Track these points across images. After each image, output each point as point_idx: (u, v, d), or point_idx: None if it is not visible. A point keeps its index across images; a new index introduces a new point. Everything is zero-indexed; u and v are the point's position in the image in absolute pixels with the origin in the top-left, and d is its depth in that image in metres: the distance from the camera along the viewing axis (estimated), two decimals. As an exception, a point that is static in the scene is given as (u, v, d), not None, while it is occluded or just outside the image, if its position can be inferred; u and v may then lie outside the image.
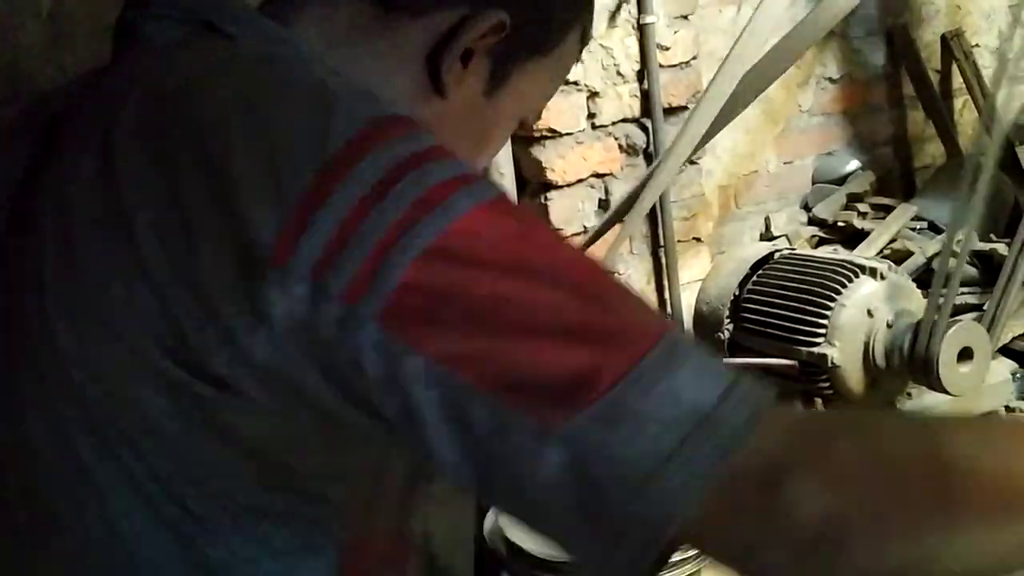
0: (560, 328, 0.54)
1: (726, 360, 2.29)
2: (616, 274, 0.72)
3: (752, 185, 3.09)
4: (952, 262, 2.02)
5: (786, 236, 3.04)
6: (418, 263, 0.54)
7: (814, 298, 2.15)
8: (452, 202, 0.57)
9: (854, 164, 3.23)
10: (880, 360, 2.11)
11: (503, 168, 2.08)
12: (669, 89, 2.53)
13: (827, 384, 2.14)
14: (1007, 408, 2.34)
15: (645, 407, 0.53)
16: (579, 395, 0.53)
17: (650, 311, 0.60)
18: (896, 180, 3.38)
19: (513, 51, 0.81)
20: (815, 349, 2.11)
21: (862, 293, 2.13)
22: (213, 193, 0.58)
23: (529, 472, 0.53)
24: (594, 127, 2.47)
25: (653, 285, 2.61)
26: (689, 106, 2.53)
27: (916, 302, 2.18)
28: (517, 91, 0.83)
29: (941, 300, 1.99)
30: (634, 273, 2.57)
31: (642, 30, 2.46)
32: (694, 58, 2.58)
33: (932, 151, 3.43)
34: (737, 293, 2.34)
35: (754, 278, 2.34)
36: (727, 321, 2.34)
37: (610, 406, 0.53)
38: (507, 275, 0.55)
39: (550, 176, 2.43)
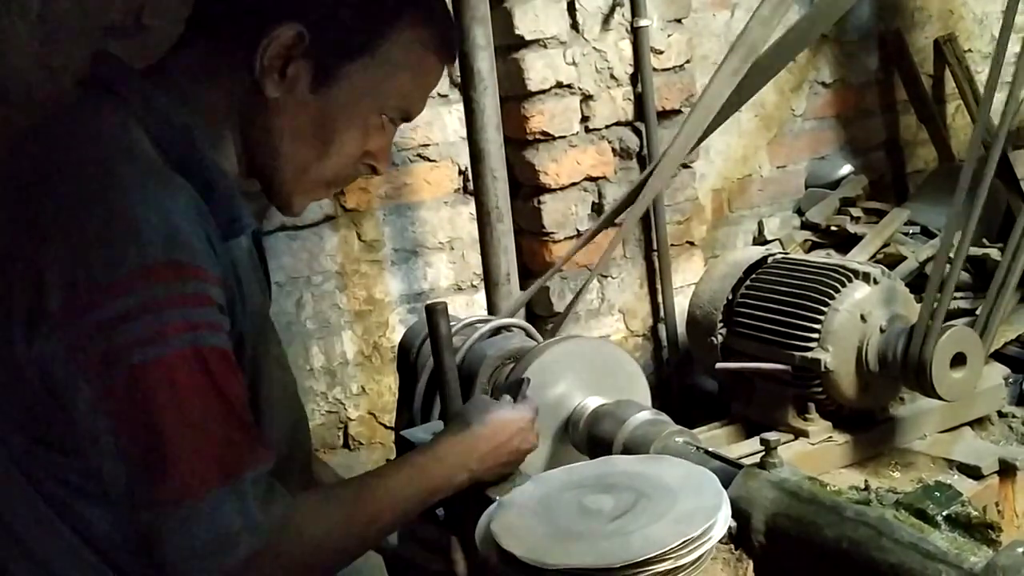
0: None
1: (720, 365, 2.29)
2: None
3: (745, 189, 3.09)
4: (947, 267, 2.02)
5: (779, 240, 3.03)
6: (129, 372, 0.88)
7: (807, 302, 2.14)
8: (169, 341, 0.89)
9: (847, 168, 3.23)
10: (873, 365, 2.10)
11: (497, 171, 2.07)
12: (663, 92, 2.53)
13: (820, 388, 2.14)
14: (1000, 413, 2.34)
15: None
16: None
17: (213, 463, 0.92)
18: (889, 184, 3.39)
19: (326, 53, 1.01)
20: (808, 353, 2.10)
21: (855, 297, 2.12)
22: (30, 269, 0.91)
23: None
24: (587, 130, 2.47)
25: (646, 289, 2.60)
26: (683, 109, 2.53)
27: (909, 307, 2.18)
28: (350, 87, 1.03)
29: (934, 305, 1.99)
30: (627, 277, 2.57)
31: (636, 33, 2.46)
32: (688, 62, 2.58)
33: (925, 155, 3.44)
34: (730, 297, 2.34)
35: (747, 282, 2.33)
36: (720, 325, 2.33)
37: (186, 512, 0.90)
38: (160, 417, 0.89)
39: (543, 179, 2.43)
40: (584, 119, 2.46)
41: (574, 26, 2.41)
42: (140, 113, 0.99)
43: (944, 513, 0.95)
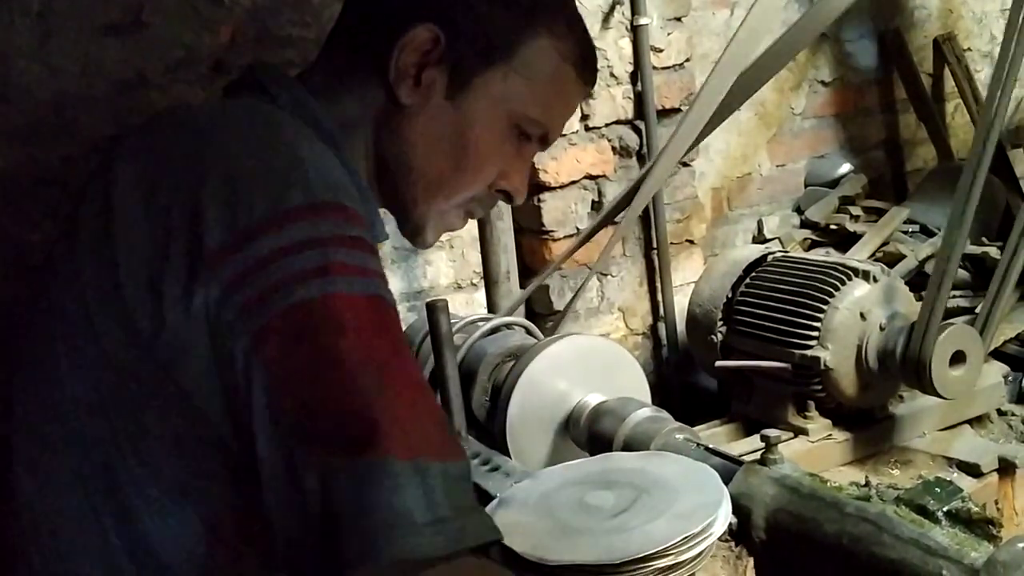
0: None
1: (719, 363, 2.29)
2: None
3: (745, 188, 3.09)
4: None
5: (779, 239, 3.04)
6: (289, 310, 0.75)
7: (807, 300, 2.15)
8: (335, 280, 0.76)
9: (846, 167, 3.23)
10: (873, 363, 2.10)
11: (496, 169, 2.07)
12: (662, 91, 2.53)
13: (819, 386, 2.14)
14: (999, 411, 2.34)
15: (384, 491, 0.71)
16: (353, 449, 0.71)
17: (438, 429, 0.77)
18: (888, 183, 3.39)
19: (464, 59, 0.98)
20: (808, 352, 2.11)
21: (855, 296, 2.12)
22: (186, 209, 0.80)
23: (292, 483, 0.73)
24: (587, 129, 2.47)
25: (646, 287, 2.60)
26: (682, 108, 2.53)
27: (909, 305, 2.18)
28: (486, 95, 0.99)
29: (934, 303, 1.99)
30: (627, 275, 2.57)
31: (635, 32, 2.46)
32: (687, 60, 2.58)
33: (924, 154, 3.44)
34: (730, 296, 2.34)
35: (747, 281, 2.34)
36: (720, 323, 2.33)
37: (370, 469, 0.71)
38: (338, 352, 0.74)
39: (543, 177, 2.43)
40: (584, 117, 2.46)
41: (574, 24, 2.41)
42: (290, 108, 0.95)
43: (944, 509, 0.95)
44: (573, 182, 2.46)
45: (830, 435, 2.18)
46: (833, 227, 3.00)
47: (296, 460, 0.72)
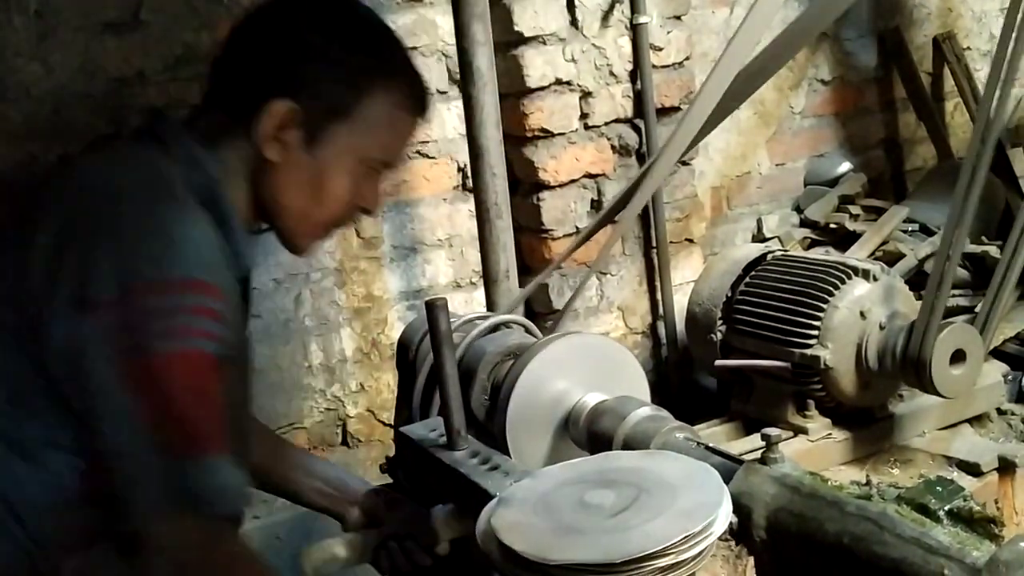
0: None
1: (719, 362, 2.29)
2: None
3: (744, 187, 3.09)
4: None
5: (778, 238, 3.03)
6: (152, 355, 1.09)
7: (807, 299, 2.14)
8: (189, 339, 1.10)
9: (846, 166, 3.23)
10: (873, 362, 2.10)
11: (496, 168, 2.06)
12: (662, 89, 2.53)
13: (819, 385, 2.14)
14: (999, 410, 2.34)
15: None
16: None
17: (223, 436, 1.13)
18: (888, 182, 3.39)
19: (314, 120, 1.24)
20: (808, 351, 2.10)
21: (855, 295, 2.12)
22: (82, 257, 1.12)
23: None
24: (587, 127, 2.46)
25: (645, 286, 2.60)
26: (682, 107, 2.53)
27: (909, 304, 2.18)
28: (335, 145, 1.25)
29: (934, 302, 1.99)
30: (626, 274, 2.57)
31: (635, 30, 2.46)
32: (687, 59, 2.58)
33: (924, 153, 3.44)
34: (730, 294, 2.33)
35: (747, 279, 2.33)
36: (720, 322, 2.33)
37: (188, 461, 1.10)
38: (173, 389, 1.10)
39: (542, 176, 2.42)
40: (583, 116, 2.45)
41: (573, 23, 2.41)
42: (181, 160, 1.21)
43: (946, 508, 0.94)
44: (572, 181, 2.46)
45: (830, 434, 2.18)
46: (833, 226, 3.00)
47: (138, 450, 1.10)
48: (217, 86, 1.30)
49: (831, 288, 2.13)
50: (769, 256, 2.38)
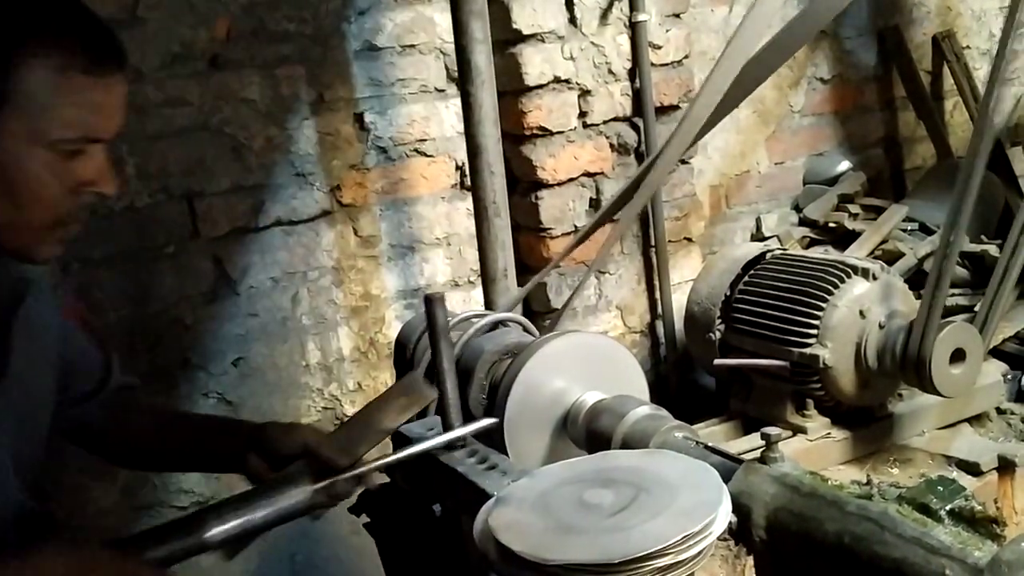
0: None
1: (718, 361, 2.28)
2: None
3: (743, 185, 3.08)
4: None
5: (777, 236, 3.03)
6: None
7: (806, 298, 2.14)
8: None
9: (845, 165, 3.22)
10: (872, 361, 2.09)
11: (494, 167, 2.05)
12: (661, 88, 2.52)
13: (818, 385, 2.13)
14: (998, 410, 2.33)
15: None
16: None
17: None
18: (887, 181, 3.38)
19: None
20: (807, 350, 2.10)
21: (854, 294, 2.12)
22: None
23: None
24: (585, 126, 2.46)
25: (644, 285, 2.59)
26: (681, 105, 2.52)
27: (908, 303, 2.17)
28: (10, 137, 1.03)
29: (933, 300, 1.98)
30: (625, 273, 2.56)
31: (634, 28, 2.45)
32: (686, 57, 2.57)
33: (923, 152, 3.43)
34: (728, 293, 2.33)
35: (746, 278, 2.33)
36: (718, 321, 2.32)
37: None
38: None
39: (541, 175, 2.41)
40: (582, 114, 2.45)
41: (572, 21, 2.40)
42: None
43: (947, 508, 0.94)
44: (571, 179, 2.45)
45: (829, 433, 2.17)
46: (832, 225, 2.99)
47: None
48: None
49: (830, 287, 2.12)
50: (768, 255, 2.37)
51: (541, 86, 2.38)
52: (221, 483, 2.23)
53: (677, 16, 2.54)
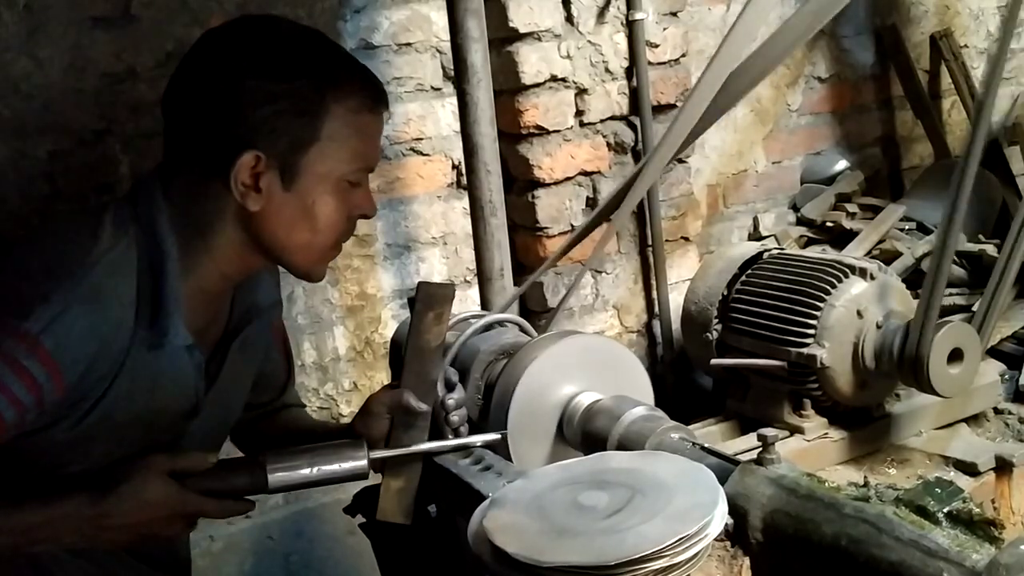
0: None
1: (715, 361, 2.28)
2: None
3: (741, 184, 3.07)
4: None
5: (774, 236, 3.02)
6: None
7: (803, 298, 2.13)
8: None
9: (843, 164, 3.22)
10: (870, 361, 2.09)
11: (490, 166, 2.04)
12: (658, 86, 2.51)
13: (816, 385, 2.13)
14: (996, 410, 2.33)
15: None
16: None
17: None
18: (885, 180, 3.38)
19: (284, 157, 1.22)
20: (804, 350, 2.09)
21: (852, 293, 2.11)
22: None
23: None
24: (582, 124, 2.45)
25: (641, 284, 2.59)
26: (678, 104, 2.51)
27: (906, 303, 2.17)
28: (313, 174, 1.24)
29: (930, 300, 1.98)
30: (622, 272, 2.55)
31: (631, 27, 2.44)
32: (683, 56, 2.56)
33: (921, 151, 3.43)
34: (726, 293, 2.32)
35: (743, 278, 2.32)
36: (715, 321, 2.32)
37: None
38: None
39: (537, 174, 2.41)
40: (579, 113, 2.44)
41: (569, 19, 2.39)
42: (141, 221, 1.23)
43: (945, 510, 0.93)
44: (568, 178, 2.45)
45: (826, 434, 2.17)
46: (829, 224, 2.99)
47: None
48: (179, 143, 1.27)
49: (828, 287, 2.12)
50: (765, 254, 2.37)
51: (538, 85, 2.37)
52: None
53: (674, 15, 2.53)
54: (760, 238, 3.01)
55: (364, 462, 1.24)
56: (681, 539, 0.95)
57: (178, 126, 1.27)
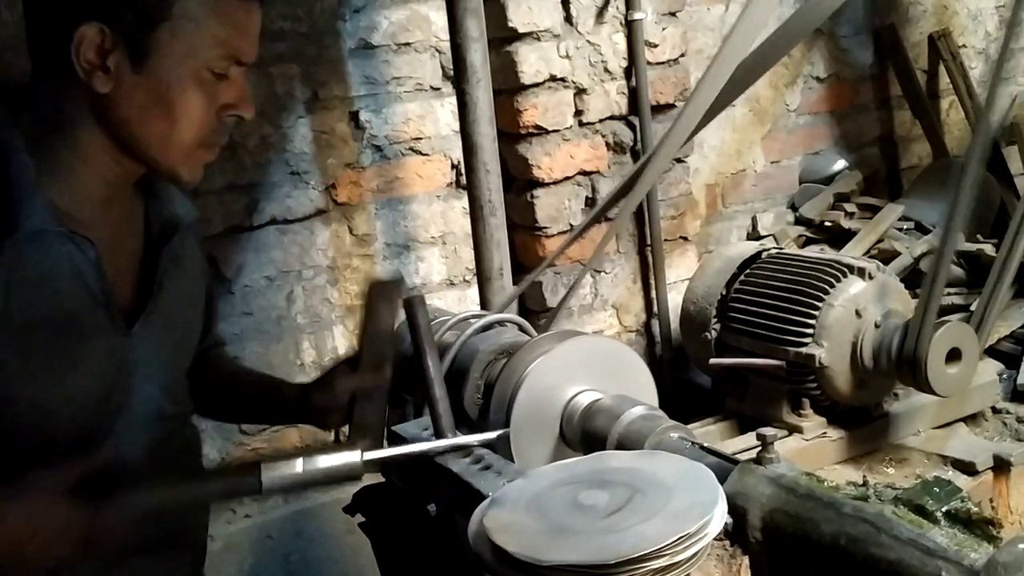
0: None
1: (714, 360, 2.28)
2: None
3: (739, 184, 3.08)
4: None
5: (773, 235, 3.03)
6: None
7: (802, 298, 2.14)
8: None
9: (841, 164, 3.22)
10: (868, 360, 2.09)
11: (489, 165, 2.05)
12: (657, 86, 2.52)
13: (814, 384, 2.13)
14: (994, 409, 2.33)
15: None
16: None
17: None
18: (883, 180, 3.38)
19: (132, 33, 1.11)
20: (803, 349, 2.09)
21: (850, 293, 2.11)
22: None
23: None
24: (581, 124, 2.45)
25: (639, 284, 2.59)
26: (677, 103, 2.52)
27: (904, 302, 2.17)
28: (166, 56, 1.13)
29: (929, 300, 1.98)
30: (620, 272, 2.56)
31: (630, 27, 2.44)
32: (682, 55, 2.57)
33: (919, 151, 3.43)
34: (724, 292, 2.33)
35: (741, 277, 2.32)
36: (714, 320, 2.32)
37: None
38: None
39: (536, 173, 2.41)
40: (578, 113, 2.44)
41: (568, 19, 2.40)
42: None
43: (944, 509, 0.93)
44: (567, 178, 2.45)
45: (825, 433, 2.17)
46: (828, 224, 2.99)
47: None
48: (32, 45, 1.18)
49: (826, 286, 2.12)
50: (764, 254, 2.37)
51: (537, 84, 2.37)
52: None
53: (673, 14, 2.54)
54: (759, 238, 3.01)
55: (359, 462, 1.25)
56: (680, 538, 0.96)
57: (28, 24, 1.18)
